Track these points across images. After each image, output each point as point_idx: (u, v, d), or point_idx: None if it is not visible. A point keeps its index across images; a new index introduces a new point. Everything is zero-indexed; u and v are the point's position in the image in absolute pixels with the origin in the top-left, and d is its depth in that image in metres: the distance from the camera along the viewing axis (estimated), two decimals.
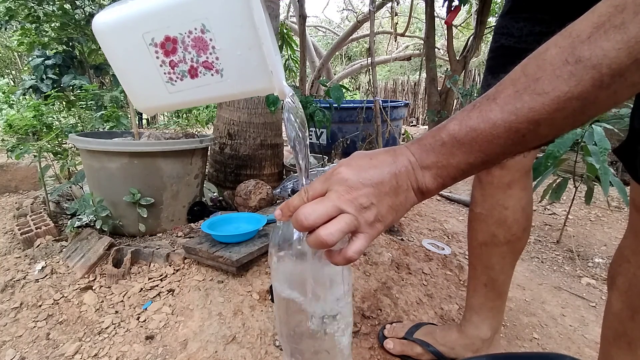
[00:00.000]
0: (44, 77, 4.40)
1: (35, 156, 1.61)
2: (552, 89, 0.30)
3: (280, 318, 0.49)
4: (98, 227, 1.32)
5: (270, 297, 1.04)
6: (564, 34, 0.32)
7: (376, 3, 4.23)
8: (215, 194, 1.84)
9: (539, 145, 0.34)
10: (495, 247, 0.80)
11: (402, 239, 1.56)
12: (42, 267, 1.17)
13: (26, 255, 1.25)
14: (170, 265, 1.18)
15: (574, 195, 1.80)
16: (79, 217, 1.33)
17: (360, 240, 0.37)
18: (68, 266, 1.18)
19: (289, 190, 1.74)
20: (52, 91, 2.84)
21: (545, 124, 0.32)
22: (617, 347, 0.60)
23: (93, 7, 2.03)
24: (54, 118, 2.80)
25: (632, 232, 0.58)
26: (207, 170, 1.88)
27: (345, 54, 12.68)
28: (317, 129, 2.46)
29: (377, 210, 0.37)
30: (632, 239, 0.58)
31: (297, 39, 4.27)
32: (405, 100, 8.07)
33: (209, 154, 1.79)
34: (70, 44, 4.39)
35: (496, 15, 4.36)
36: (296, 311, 0.47)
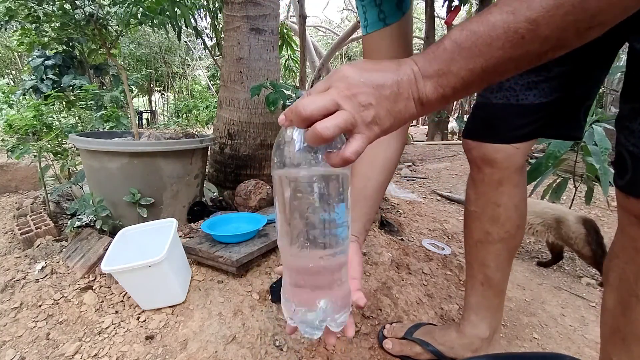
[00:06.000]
0: (44, 77, 4.40)
1: (35, 156, 1.60)
2: None
3: (281, 224, 0.47)
4: (98, 227, 1.32)
5: (270, 297, 1.04)
6: None
7: None
8: (215, 194, 1.84)
9: (544, 56, 0.35)
10: (489, 245, 0.81)
11: (402, 239, 1.56)
12: (42, 267, 1.17)
13: (26, 255, 1.25)
14: None
15: (574, 195, 1.80)
16: (79, 217, 1.33)
17: (357, 141, 0.37)
18: (68, 266, 1.18)
19: None
20: (52, 91, 2.84)
21: (544, 23, 0.32)
22: (612, 343, 0.60)
23: (93, 7, 2.03)
24: (54, 118, 2.80)
25: (619, 228, 0.60)
26: (207, 170, 1.88)
27: (345, 54, 12.68)
28: None
29: (376, 111, 0.37)
30: (620, 235, 0.60)
31: (297, 39, 4.27)
32: None
33: (209, 154, 1.79)
34: (70, 44, 4.39)
35: None
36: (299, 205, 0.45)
